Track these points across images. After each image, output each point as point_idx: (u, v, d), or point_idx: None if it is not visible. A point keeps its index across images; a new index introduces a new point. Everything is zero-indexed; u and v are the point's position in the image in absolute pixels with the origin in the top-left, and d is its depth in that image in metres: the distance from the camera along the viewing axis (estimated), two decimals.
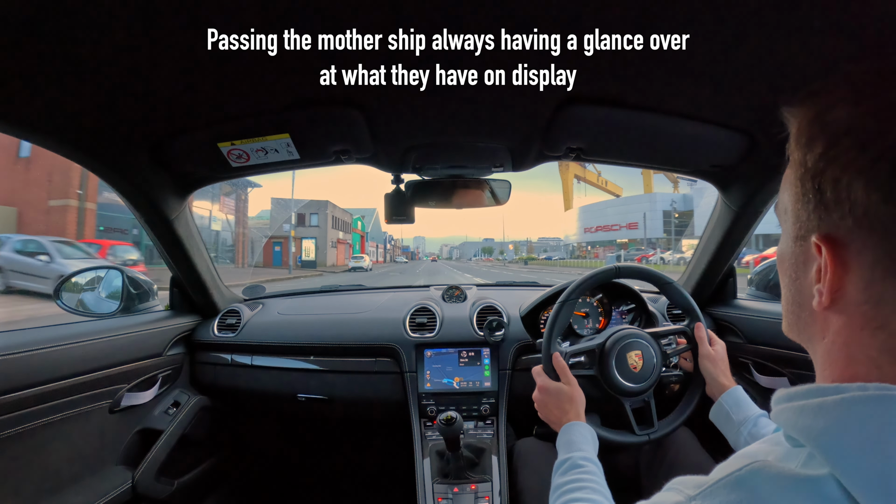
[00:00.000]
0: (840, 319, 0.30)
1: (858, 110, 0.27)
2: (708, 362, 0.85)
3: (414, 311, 1.33)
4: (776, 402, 0.32)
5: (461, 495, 1.02)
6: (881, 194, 0.26)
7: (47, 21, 0.51)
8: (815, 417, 0.28)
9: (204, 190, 1.20)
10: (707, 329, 0.90)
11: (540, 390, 0.84)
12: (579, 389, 0.82)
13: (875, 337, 0.28)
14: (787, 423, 0.30)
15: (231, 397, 1.38)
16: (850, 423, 0.26)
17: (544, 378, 0.85)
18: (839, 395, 0.27)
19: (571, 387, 0.81)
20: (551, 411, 0.81)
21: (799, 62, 0.60)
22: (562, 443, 0.74)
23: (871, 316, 0.28)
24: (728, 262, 1.26)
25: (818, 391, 0.29)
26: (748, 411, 0.76)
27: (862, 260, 0.28)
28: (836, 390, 0.28)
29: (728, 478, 0.29)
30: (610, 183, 53.77)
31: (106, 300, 1.23)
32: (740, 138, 0.85)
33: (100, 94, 0.68)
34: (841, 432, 0.26)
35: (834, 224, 0.28)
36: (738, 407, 0.77)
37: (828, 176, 0.28)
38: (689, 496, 0.30)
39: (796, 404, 0.30)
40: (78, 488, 0.99)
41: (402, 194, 1.11)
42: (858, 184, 0.27)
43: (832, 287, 0.29)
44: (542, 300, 1.16)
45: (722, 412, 0.78)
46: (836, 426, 0.27)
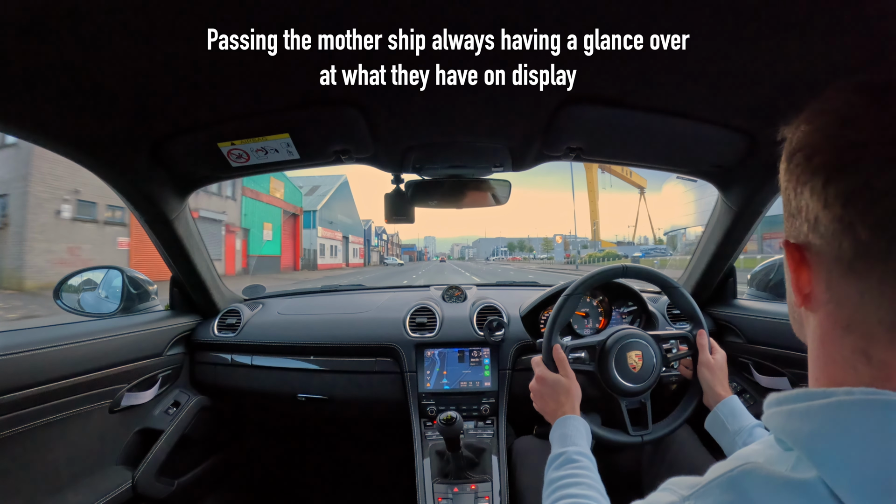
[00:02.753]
0: (815, 319, 0.32)
1: (809, 128, 0.31)
2: (706, 371, 0.85)
3: (414, 310, 1.33)
4: (767, 406, 0.32)
5: (461, 495, 1.02)
6: (821, 202, 0.29)
7: (47, 21, 0.51)
8: (802, 421, 0.28)
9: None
10: (707, 335, 0.90)
11: (537, 380, 0.84)
12: (577, 383, 0.82)
13: (846, 337, 0.30)
14: (776, 426, 0.30)
15: (231, 397, 1.38)
16: (836, 427, 0.27)
17: (542, 368, 0.85)
18: (826, 400, 0.28)
19: (569, 380, 0.81)
20: (547, 402, 0.81)
21: (799, 62, 0.60)
22: (556, 436, 0.74)
23: (836, 316, 0.30)
24: (728, 263, 1.26)
25: (806, 395, 0.29)
26: (743, 421, 0.76)
27: (820, 261, 0.30)
28: (824, 394, 0.28)
29: (720, 478, 0.30)
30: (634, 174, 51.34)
31: (106, 300, 1.23)
32: (740, 138, 0.85)
33: (100, 93, 0.68)
34: (827, 436, 0.27)
35: (797, 229, 0.32)
36: (734, 417, 0.77)
37: (790, 186, 0.32)
38: (682, 496, 0.31)
39: (785, 408, 0.30)
40: (78, 488, 0.99)
41: (403, 194, 1.11)
42: (806, 193, 0.30)
43: (799, 287, 0.32)
44: (542, 300, 1.16)
45: (717, 422, 0.78)
46: (822, 430, 0.27)
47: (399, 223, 1.14)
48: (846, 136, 0.28)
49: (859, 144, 0.28)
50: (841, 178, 0.28)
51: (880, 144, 0.27)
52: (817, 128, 0.30)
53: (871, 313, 0.28)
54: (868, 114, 0.28)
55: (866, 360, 0.28)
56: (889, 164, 0.26)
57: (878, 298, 0.27)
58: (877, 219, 0.27)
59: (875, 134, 0.27)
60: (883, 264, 0.27)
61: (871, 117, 0.28)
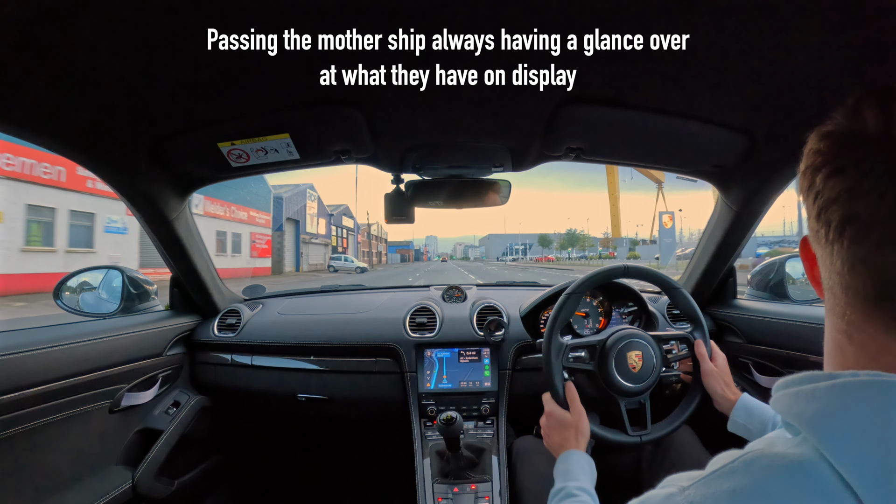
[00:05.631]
0: (826, 305, 0.34)
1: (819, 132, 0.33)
2: (712, 380, 0.85)
3: (414, 311, 1.33)
4: (776, 390, 0.33)
5: (461, 495, 1.02)
6: (808, 202, 0.32)
7: (48, 21, 0.51)
8: (807, 402, 0.29)
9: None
10: (707, 341, 0.90)
11: (546, 415, 0.85)
12: (585, 420, 0.81)
13: (832, 319, 0.32)
14: (783, 409, 0.31)
15: (231, 397, 1.38)
16: (840, 407, 0.28)
17: (552, 404, 0.85)
18: (831, 381, 0.29)
19: (577, 416, 0.81)
20: (553, 437, 0.82)
21: (798, 62, 0.60)
22: (559, 471, 0.75)
23: (832, 303, 0.32)
24: (728, 263, 1.26)
25: (812, 378, 0.30)
26: (763, 415, 0.76)
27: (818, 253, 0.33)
28: (830, 377, 0.29)
29: (722, 469, 0.30)
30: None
31: (106, 300, 1.23)
32: (740, 138, 0.85)
33: (100, 93, 0.68)
34: (831, 416, 0.28)
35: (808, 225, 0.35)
36: (751, 416, 0.77)
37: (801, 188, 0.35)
38: (682, 487, 0.31)
39: (792, 390, 0.31)
40: (78, 488, 0.99)
41: (403, 194, 1.11)
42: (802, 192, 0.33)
43: (813, 276, 0.35)
44: (542, 300, 1.16)
45: (739, 427, 0.79)
46: (826, 410, 0.28)
47: (399, 223, 1.14)
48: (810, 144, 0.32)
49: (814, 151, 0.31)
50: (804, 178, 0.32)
51: (822, 151, 0.30)
52: (826, 132, 0.32)
53: (840, 296, 0.31)
54: (867, 119, 0.29)
55: (849, 340, 0.30)
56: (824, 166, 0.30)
57: (841, 281, 0.30)
58: (818, 211, 0.30)
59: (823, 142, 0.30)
60: (828, 249, 0.30)
61: (869, 123, 0.29)
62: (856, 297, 0.29)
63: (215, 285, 1.38)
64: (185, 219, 1.16)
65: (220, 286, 1.42)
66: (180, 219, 1.13)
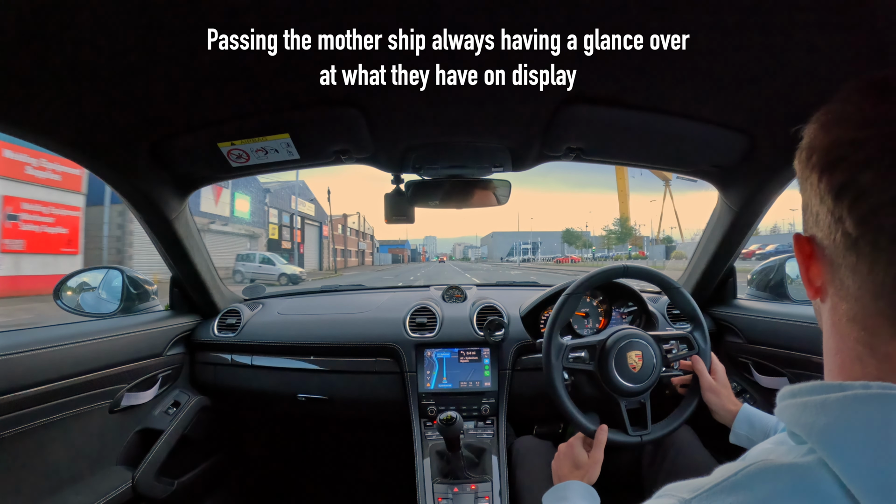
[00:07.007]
0: (826, 310, 0.32)
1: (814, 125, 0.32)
2: (712, 395, 0.85)
3: (414, 310, 1.33)
4: (781, 399, 0.32)
5: (461, 495, 1.02)
6: (818, 197, 0.30)
7: (48, 21, 0.51)
8: (817, 414, 0.28)
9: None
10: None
11: (567, 444, 0.85)
12: (597, 471, 0.80)
13: (852, 329, 0.30)
14: (790, 419, 0.30)
15: (231, 397, 1.38)
16: (852, 420, 0.26)
17: (579, 440, 0.85)
18: (842, 393, 0.28)
19: (592, 464, 0.80)
20: (561, 467, 0.82)
21: (798, 62, 0.60)
22: (552, 496, 0.76)
23: (842, 308, 0.30)
24: (728, 263, 1.26)
25: (822, 388, 0.29)
26: (765, 425, 0.76)
27: (823, 254, 0.31)
28: (840, 388, 0.28)
29: (726, 482, 0.29)
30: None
31: (106, 300, 1.23)
32: (740, 138, 0.85)
33: (100, 94, 0.68)
34: (843, 430, 0.26)
35: (806, 223, 0.33)
36: (753, 428, 0.77)
37: (799, 181, 0.34)
38: (683, 499, 0.30)
39: (800, 401, 0.30)
40: (78, 488, 0.99)
41: (402, 194, 1.11)
42: (808, 188, 0.32)
43: (809, 279, 0.33)
44: (542, 300, 1.16)
45: (742, 438, 0.79)
46: (837, 423, 0.27)
47: (399, 223, 1.14)
48: (839, 133, 0.29)
49: (849, 141, 0.28)
50: (832, 174, 0.29)
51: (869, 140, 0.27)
52: (820, 125, 0.31)
53: (871, 305, 0.28)
54: (861, 111, 0.28)
55: (871, 352, 0.28)
56: (874, 160, 0.27)
57: (876, 290, 0.27)
58: (862, 213, 0.27)
59: (865, 131, 0.28)
60: (871, 257, 0.27)
61: (863, 114, 0.28)
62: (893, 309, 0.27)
63: (215, 285, 1.38)
64: (185, 219, 1.16)
65: (220, 286, 1.42)
66: (180, 219, 1.13)
